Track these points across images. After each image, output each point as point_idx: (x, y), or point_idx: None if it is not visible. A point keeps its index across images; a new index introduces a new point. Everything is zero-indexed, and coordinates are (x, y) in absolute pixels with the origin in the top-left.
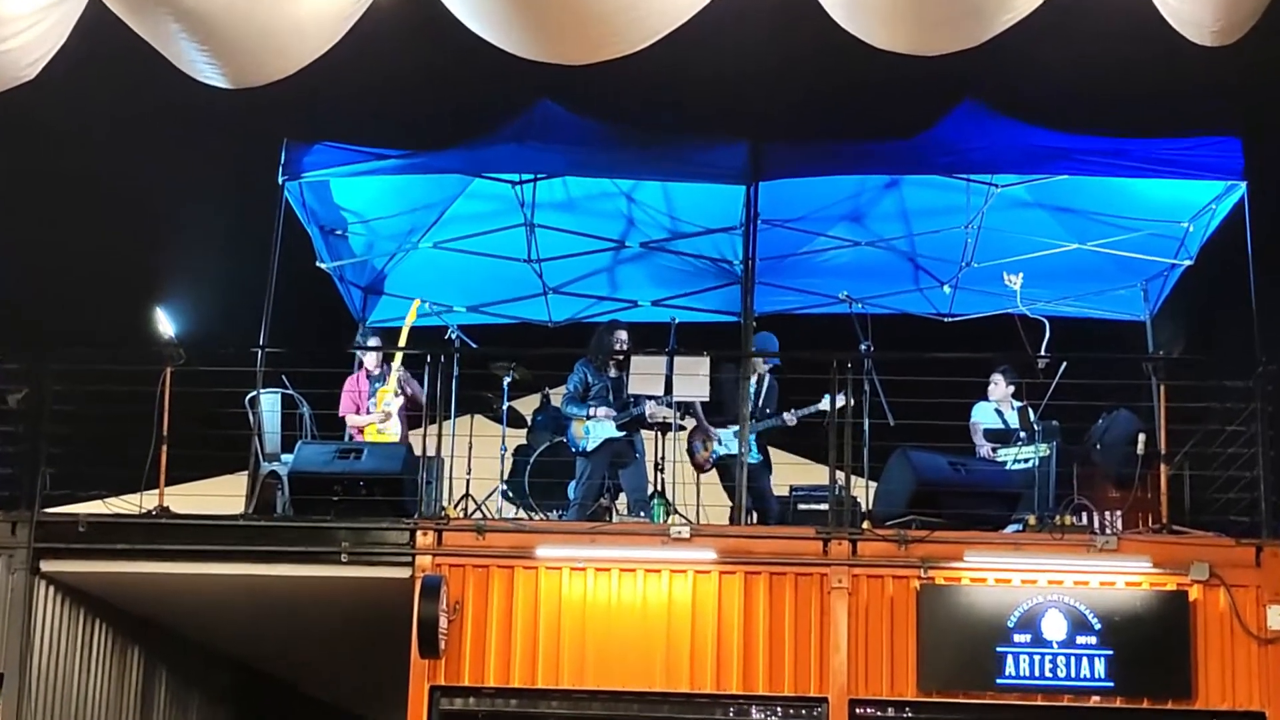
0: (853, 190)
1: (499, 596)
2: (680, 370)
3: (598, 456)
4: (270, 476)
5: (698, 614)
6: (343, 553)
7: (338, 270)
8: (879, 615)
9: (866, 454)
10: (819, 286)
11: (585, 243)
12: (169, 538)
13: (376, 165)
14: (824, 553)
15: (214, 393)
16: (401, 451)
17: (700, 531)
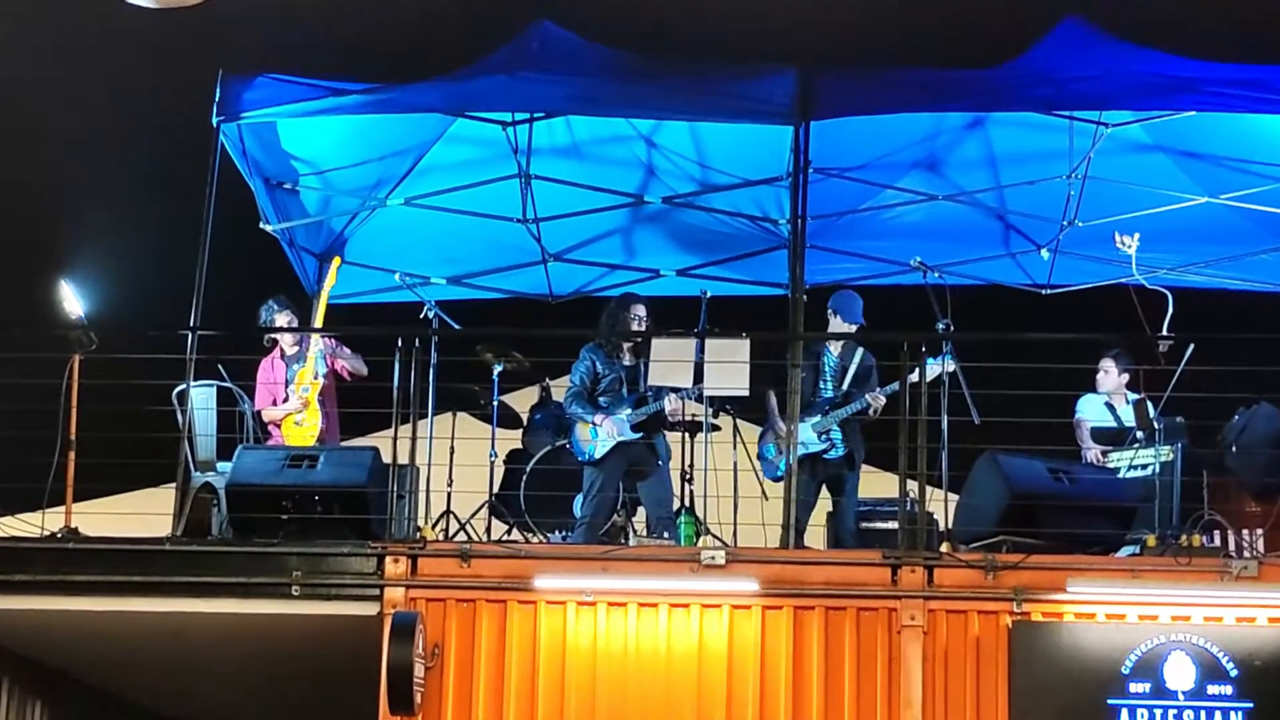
0: (927, 131)
1: (488, 638)
2: (713, 356)
3: (610, 464)
4: (203, 490)
5: (735, 660)
6: (294, 584)
7: (286, 233)
8: (961, 660)
9: (945, 459)
10: (885, 251)
11: (594, 198)
12: (78, 567)
13: (334, 102)
14: (893, 582)
15: (133, 386)
16: (367, 458)
17: (738, 556)
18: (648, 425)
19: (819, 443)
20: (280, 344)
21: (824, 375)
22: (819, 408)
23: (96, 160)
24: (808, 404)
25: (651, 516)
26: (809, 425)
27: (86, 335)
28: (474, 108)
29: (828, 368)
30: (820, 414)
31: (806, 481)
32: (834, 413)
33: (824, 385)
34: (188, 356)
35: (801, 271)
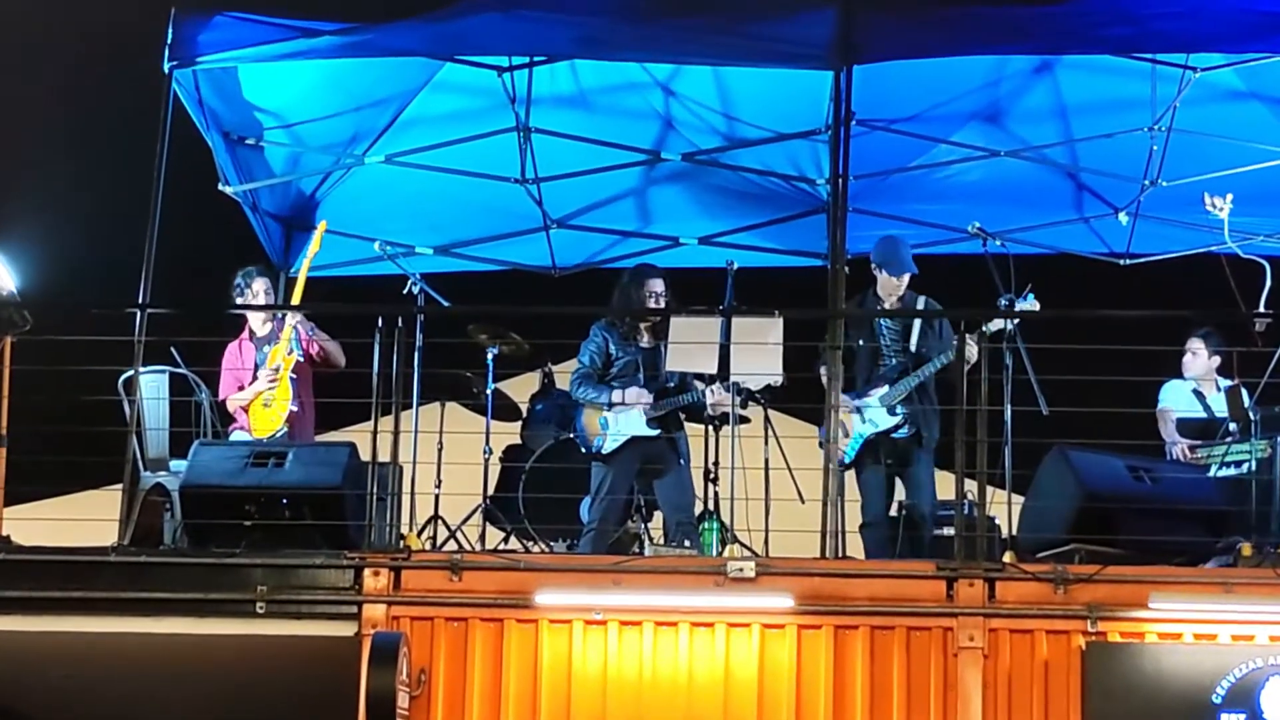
0: (987, 77)
1: (482, 662)
2: (741, 337)
3: (622, 461)
4: (154, 492)
5: (767, 687)
6: (259, 600)
7: (249, 196)
8: (1027, 687)
9: (1009, 455)
10: (939, 216)
11: (604, 155)
12: (9, 580)
13: (303, 45)
14: (949, 597)
15: (74, 373)
16: (342, 456)
17: (770, 568)
18: (667, 418)
19: (890, 418)
20: (249, 323)
21: (883, 342)
22: (884, 378)
23: (30, 114)
24: (868, 379)
25: (670, 522)
26: (876, 400)
27: (19, 314)
28: (465, 51)
29: (886, 333)
30: (888, 384)
31: (873, 478)
32: (904, 380)
33: (886, 355)
34: (136, 338)
35: (842, 239)
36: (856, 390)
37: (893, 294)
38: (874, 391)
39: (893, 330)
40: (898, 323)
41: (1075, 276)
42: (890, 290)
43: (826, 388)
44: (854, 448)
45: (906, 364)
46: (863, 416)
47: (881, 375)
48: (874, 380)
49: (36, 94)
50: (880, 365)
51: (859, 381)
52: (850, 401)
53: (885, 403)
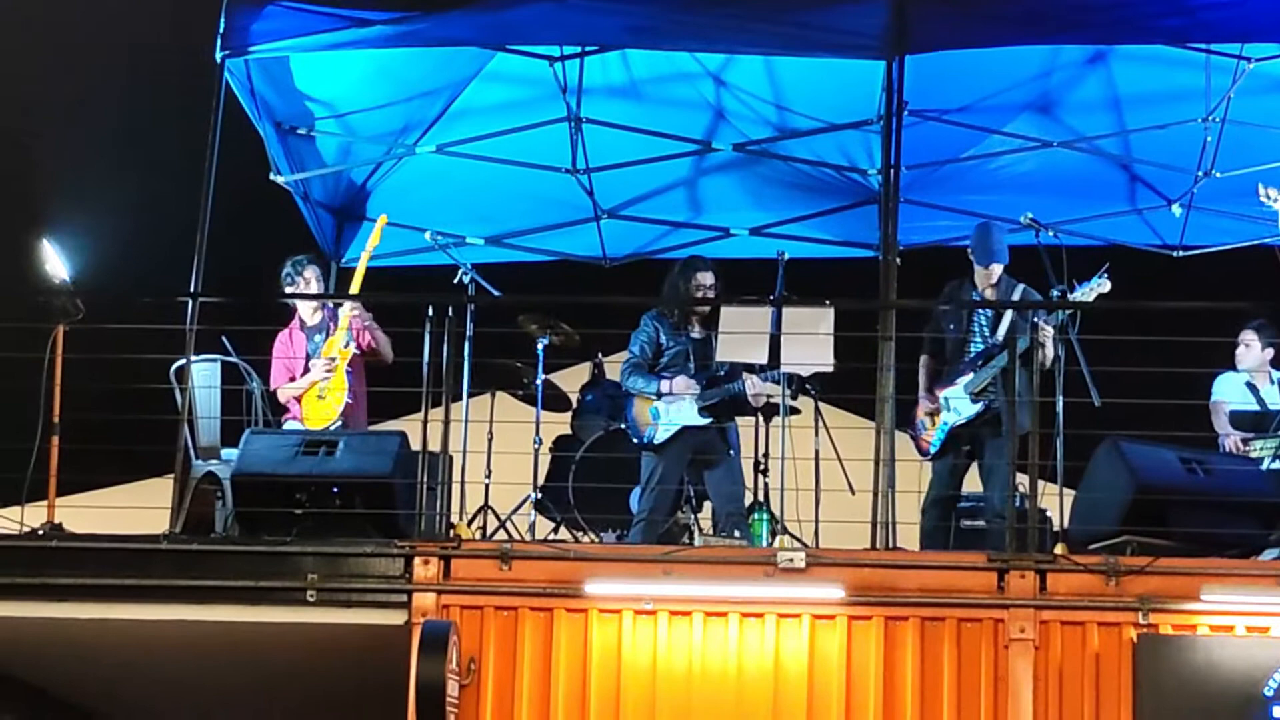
0: (1040, 68)
1: (532, 652)
2: (792, 327)
3: (672, 451)
4: (206, 481)
5: (817, 678)
6: (309, 589)
7: (300, 186)
8: (1078, 679)
9: (1061, 446)
10: (991, 207)
11: (655, 145)
12: (62, 568)
13: (355, 34)
14: (1000, 589)
15: (125, 361)
16: (393, 445)
17: (821, 558)
18: (718, 408)
19: (974, 405)
20: (299, 313)
21: (974, 328)
22: (970, 365)
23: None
24: (953, 367)
25: (720, 512)
26: (961, 387)
27: (72, 303)
28: (516, 40)
29: (980, 319)
30: (973, 371)
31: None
32: (989, 365)
33: (973, 341)
34: (187, 327)
35: (894, 230)
36: (943, 379)
37: (986, 282)
38: (960, 380)
39: (988, 318)
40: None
41: (1128, 268)
42: (984, 279)
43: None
44: (939, 439)
45: (991, 350)
46: (948, 405)
47: (966, 363)
48: (960, 368)
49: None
50: (966, 353)
51: (946, 370)
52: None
53: (970, 389)
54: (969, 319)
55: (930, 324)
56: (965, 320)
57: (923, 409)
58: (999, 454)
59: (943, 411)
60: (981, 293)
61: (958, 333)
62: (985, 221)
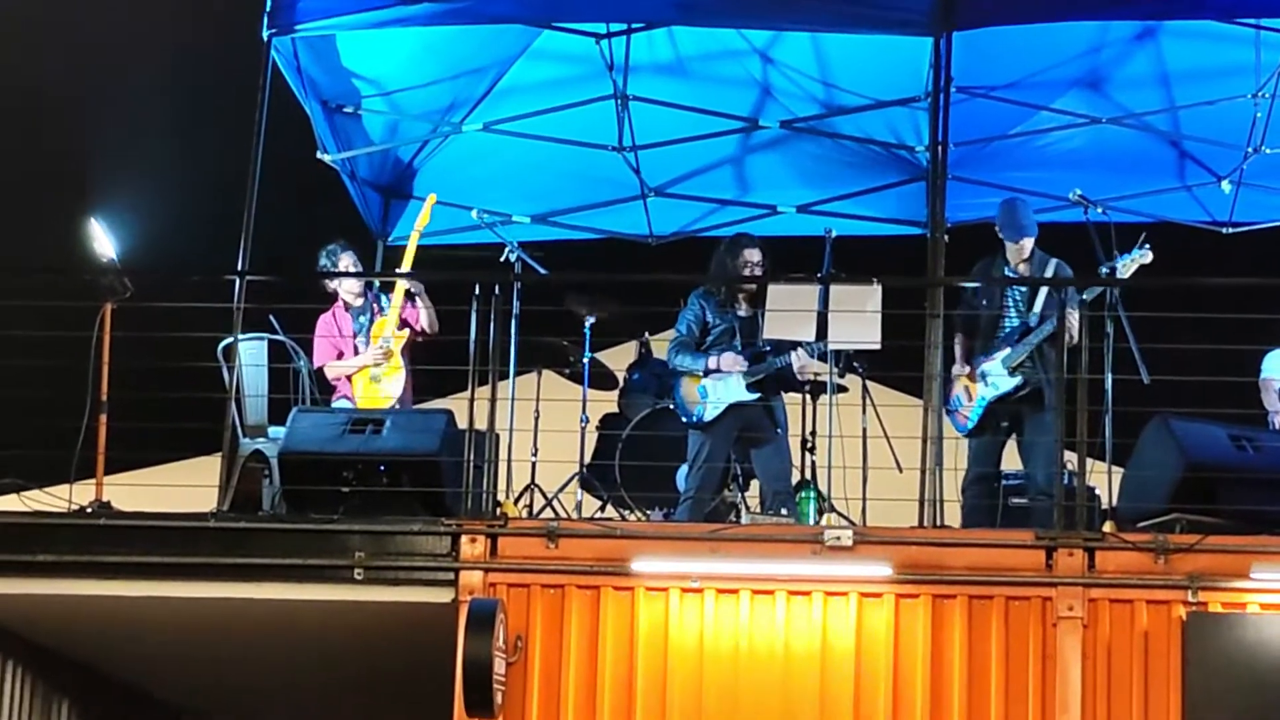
0: (1088, 43)
1: (579, 630)
2: (839, 304)
3: (720, 430)
4: (253, 459)
5: (864, 655)
6: (356, 567)
7: (347, 164)
8: (1126, 657)
9: (1109, 423)
10: (1039, 183)
11: (701, 122)
12: (111, 546)
13: (401, 12)
14: (1048, 567)
15: (173, 339)
16: (439, 423)
17: (868, 536)
18: (765, 385)
19: (1012, 380)
20: (341, 293)
21: (1009, 304)
22: (1007, 340)
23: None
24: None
25: (767, 490)
26: (999, 362)
27: (119, 281)
28: (562, 18)
29: (1012, 294)
30: (1010, 345)
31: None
32: (1026, 339)
33: (1009, 316)
34: (235, 305)
35: (942, 207)
36: (978, 355)
37: (1018, 257)
38: (996, 354)
39: (1021, 293)
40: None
41: (1177, 244)
42: (1015, 254)
43: (957, 357)
44: (976, 413)
45: (1028, 325)
46: (985, 380)
47: (1003, 338)
48: (995, 344)
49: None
50: (1000, 330)
51: (981, 346)
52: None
53: (1008, 364)
54: (1002, 295)
55: (962, 303)
56: (999, 296)
57: (958, 383)
58: (1039, 430)
59: (980, 387)
60: (1015, 268)
61: (991, 309)
62: (1010, 197)
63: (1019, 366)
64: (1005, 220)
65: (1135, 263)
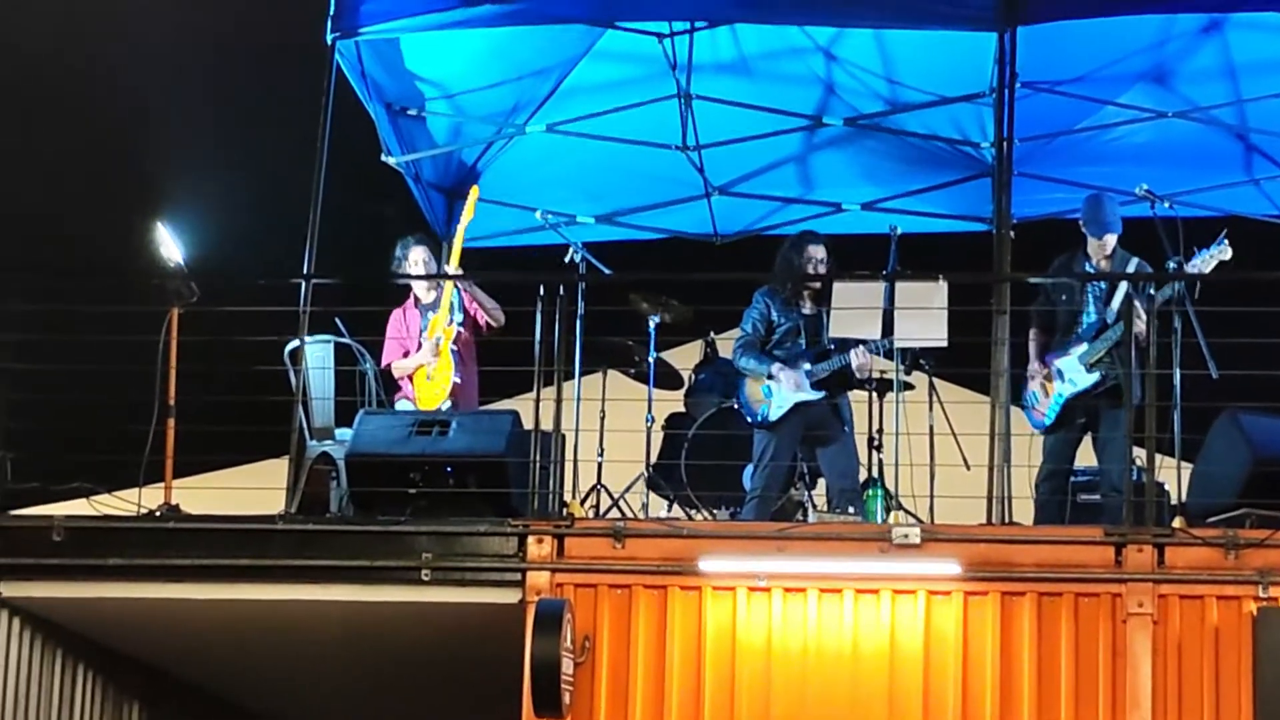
0: (1154, 37)
1: (646, 629)
2: (905, 302)
3: (785, 429)
4: (320, 461)
5: (932, 653)
6: (424, 568)
7: (411, 167)
8: (1197, 653)
9: (1178, 419)
10: (1106, 178)
11: (765, 121)
12: (180, 549)
13: (465, 14)
14: (1117, 563)
15: (240, 344)
16: (505, 424)
17: (936, 534)
18: (831, 383)
19: (1090, 376)
20: (414, 290)
21: (1087, 300)
22: (1084, 336)
23: (195, 85)
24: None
25: (834, 489)
26: (1075, 358)
27: (186, 285)
28: (625, 17)
29: (1092, 290)
30: (1086, 342)
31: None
32: (1104, 336)
33: (1086, 312)
34: (301, 308)
35: (1008, 203)
36: (1054, 350)
37: (1100, 254)
38: (1073, 350)
39: (1101, 289)
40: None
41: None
42: (1097, 251)
43: (1031, 354)
44: (1054, 410)
45: (1104, 321)
46: (1062, 376)
47: (1080, 334)
48: (1072, 340)
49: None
50: (1077, 325)
51: (1058, 342)
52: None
53: (1084, 360)
54: (1081, 291)
55: (1040, 297)
56: (1078, 293)
57: (1035, 380)
58: (1114, 427)
59: (1056, 383)
60: (1095, 265)
61: (1070, 304)
62: (1096, 193)
63: (1097, 362)
64: (1090, 215)
65: (1214, 258)
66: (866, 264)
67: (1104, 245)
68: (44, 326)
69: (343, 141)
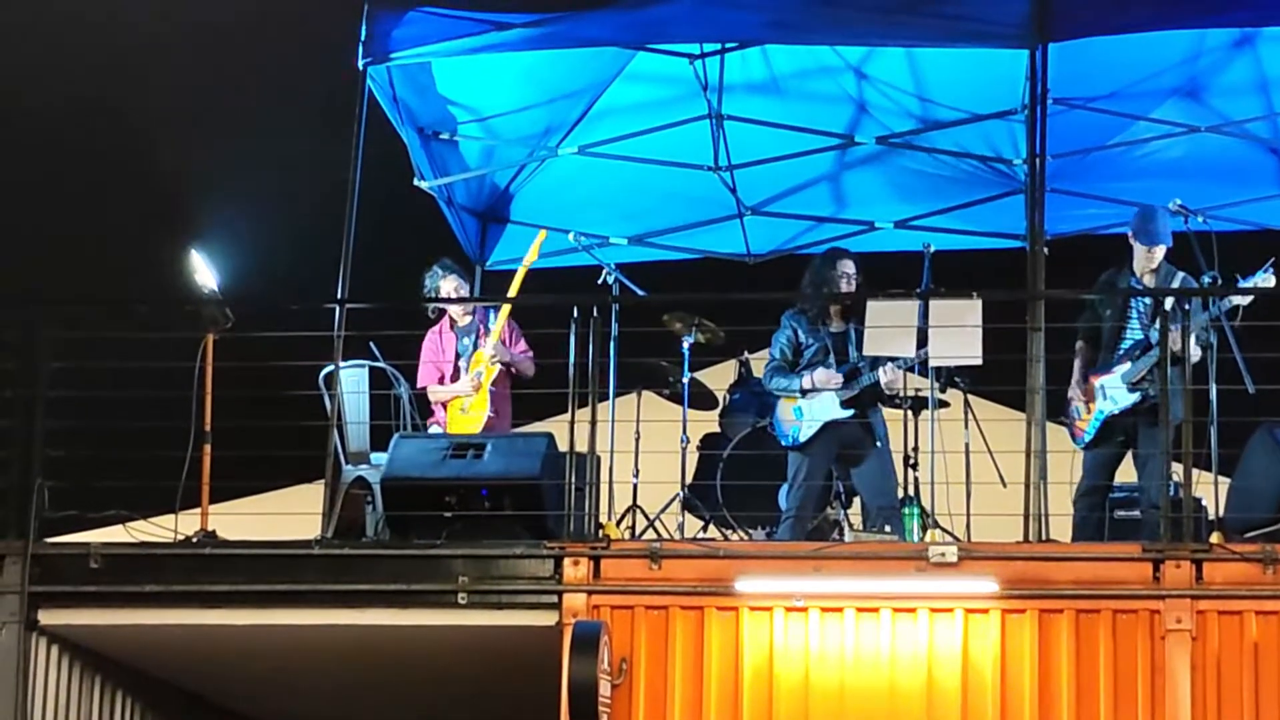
0: (1186, 52)
1: (684, 650)
2: (940, 320)
3: (818, 448)
4: (356, 486)
5: (971, 672)
6: (460, 591)
7: (444, 190)
8: (1236, 669)
9: (1215, 434)
10: (1139, 194)
11: (797, 140)
12: (216, 575)
13: (496, 38)
14: (1155, 579)
15: (275, 369)
16: (540, 446)
17: (973, 552)
18: (862, 401)
19: (1131, 395)
20: (449, 312)
21: (1131, 316)
22: (1127, 354)
23: (229, 113)
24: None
25: (870, 507)
26: (1119, 376)
27: (221, 311)
28: (657, 39)
29: (1137, 306)
30: (1130, 360)
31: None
32: (1147, 356)
33: (1131, 327)
34: (336, 333)
35: (1041, 220)
36: (1098, 367)
37: (1146, 267)
38: (1117, 369)
39: (1146, 305)
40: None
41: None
42: (1144, 263)
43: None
44: (1094, 427)
45: (1149, 340)
46: (1104, 394)
47: (1124, 352)
48: (1117, 358)
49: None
50: (1123, 340)
51: (1103, 358)
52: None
53: (1127, 380)
54: (1125, 306)
55: (1087, 311)
56: (1122, 308)
57: (1077, 397)
58: (1155, 444)
59: (1098, 400)
60: (1140, 279)
61: (1114, 320)
62: (1148, 205)
63: (1139, 382)
64: (1140, 226)
65: (1258, 285)
66: (900, 282)
67: (1152, 257)
68: (80, 354)
69: (376, 166)
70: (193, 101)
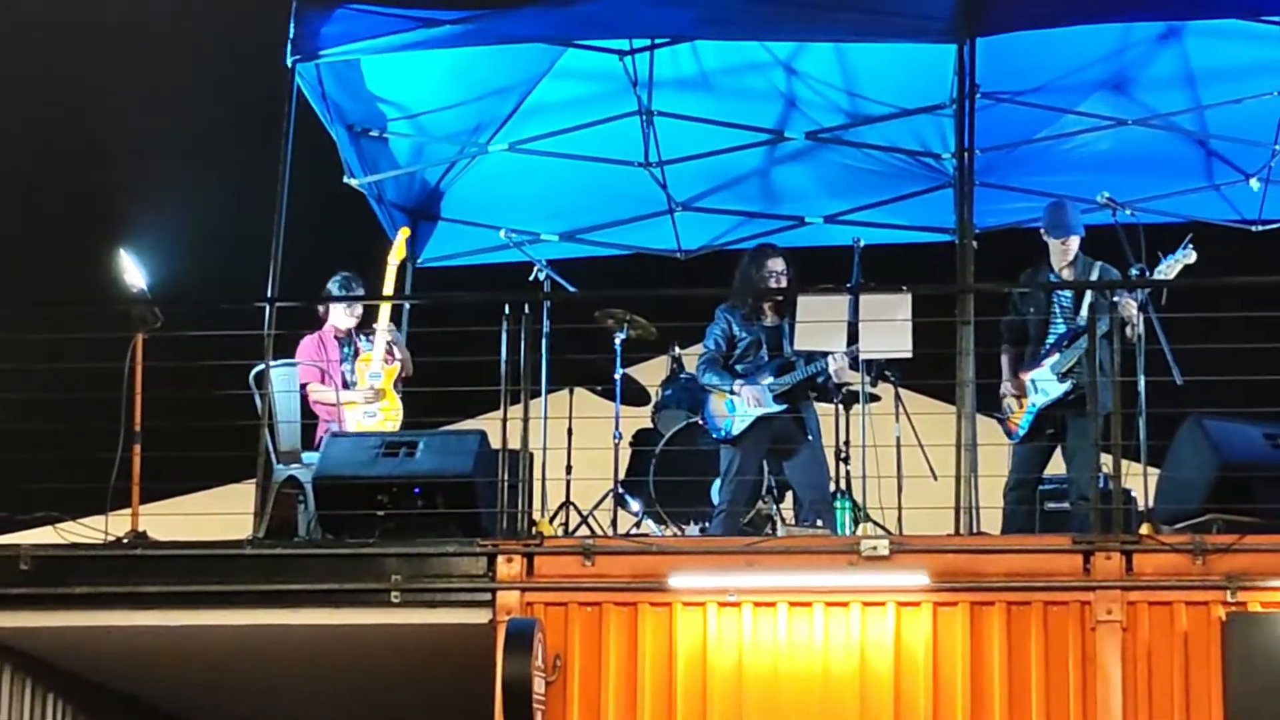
0: (1113, 46)
1: (617, 647)
2: (870, 314)
3: (749, 443)
4: (288, 485)
5: (903, 665)
6: (393, 590)
7: (374, 188)
8: (1167, 659)
9: (1144, 425)
10: (1067, 187)
11: (727, 135)
12: (148, 575)
13: (424, 35)
14: (1085, 571)
15: (204, 368)
16: (473, 444)
17: (904, 545)
18: (794, 395)
19: (1061, 386)
20: (332, 321)
21: (1055, 311)
22: (1055, 346)
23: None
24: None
25: (802, 501)
26: (1048, 368)
27: (150, 311)
28: (585, 36)
29: (1060, 300)
30: (1059, 351)
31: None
32: (1075, 345)
33: (1055, 323)
34: (266, 332)
35: (970, 213)
36: (1027, 362)
37: (1062, 260)
38: (1045, 361)
39: (1066, 297)
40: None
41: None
42: (1060, 257)
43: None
44: (1027, 421)
45: (1076, 330)
46: (1035, 387)
47: (1052, 345)
48: (1044, 351)
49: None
50: (1049, 334)
51: (1030, 354)
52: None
53: (1057, 370)
54: (1049, 301)
55: (1009, 312)
56: (1045, 303)
57: (1009, 393)
58: (1083, 435)
59: (1030, 394)
60: (1058, 273)
61: (1038, 316)
62: (1057, 199)
63: (1069, 371)
64: (1052, 220)
65: (1179, 263)
66: (830, 277)
67: (1066, 249)
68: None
69: (304, 164)
70: (121, 100)
